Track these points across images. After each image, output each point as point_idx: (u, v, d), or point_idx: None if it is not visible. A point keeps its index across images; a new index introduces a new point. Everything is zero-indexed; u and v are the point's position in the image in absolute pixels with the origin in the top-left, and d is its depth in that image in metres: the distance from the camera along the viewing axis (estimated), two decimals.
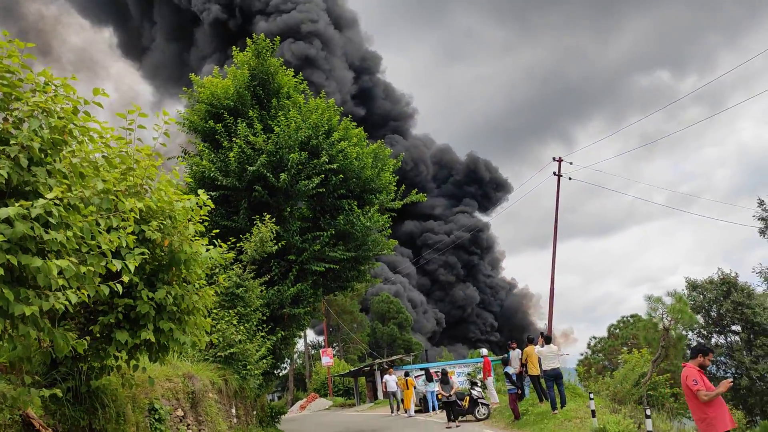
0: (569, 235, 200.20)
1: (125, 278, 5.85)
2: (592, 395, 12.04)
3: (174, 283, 7.56)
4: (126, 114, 6.41)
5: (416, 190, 21.37)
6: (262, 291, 17.16)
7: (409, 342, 72.14)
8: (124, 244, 5.98)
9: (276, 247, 16.20)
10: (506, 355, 23.90)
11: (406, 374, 24.43)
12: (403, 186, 21.18)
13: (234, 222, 17.81)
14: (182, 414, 10.99)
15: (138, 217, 7.17)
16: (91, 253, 5.40)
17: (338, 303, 61.06)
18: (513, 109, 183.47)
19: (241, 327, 14.82)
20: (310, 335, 69.03)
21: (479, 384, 18.56)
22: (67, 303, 4.91)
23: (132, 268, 5.88)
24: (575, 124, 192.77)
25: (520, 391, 15.76)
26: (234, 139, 17.79)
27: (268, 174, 17.33)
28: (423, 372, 23.91)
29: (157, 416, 9.81)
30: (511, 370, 15.57)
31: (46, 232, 4.83)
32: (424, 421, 20.00)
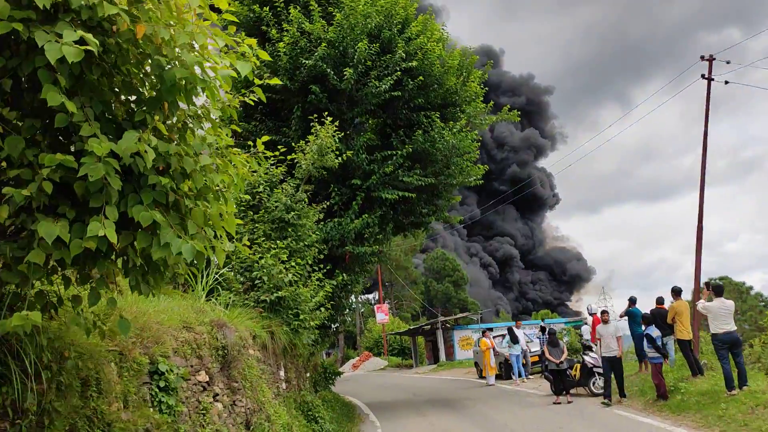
0: (622, 199, 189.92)
1: None
2: None
3: (163, 129, 3.75)
4: None
5: (508, 106, 17.13)
6: (319, 222, 13.43)
7: (464, 301, 68.48)
8: None
9: (339, 160, 12.32)
10: (582, 322, 19.52)
11: (483, 333, 20.54)
12: (491, 102, 16.93)
13: (284, 135, 13.99)
14: (206, 379, 7.35)
15: None
16: None
17: (391, 257, 57.60)
18: (568, 69, 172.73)
19: (292, 262, 11.13)
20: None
21: (593, 348, 14.51)
22: None
23: None
24: (634, 85, 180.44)
25: (666, 360, 11.67)
26: (285, 25, 13.81)
27: (329, 70, 13.37)
28: (505, 332, 19.99)
29: (162, 383, 6.18)
30: (655, 332, 11.50)
31: None
32: (515, 393, 16.15)
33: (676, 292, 12.13)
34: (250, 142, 9.17)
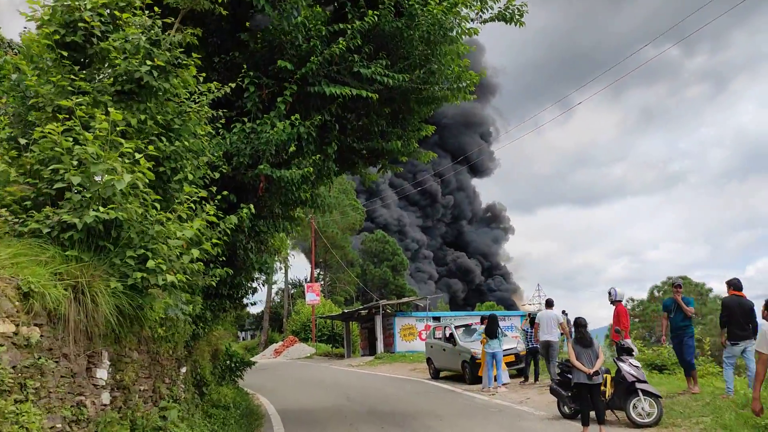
0: (555, 201, 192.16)
1: None
2: None
3: None
4: None
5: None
6: (216, 121, 7.93)
7: (402, 288, 64.00)
8: None
9: None
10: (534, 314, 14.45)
11: (482, 320, 15.53)
12: None
13: None
14: None
15: None
16: None
17: (327, 235, 52.06)
18: (517, 71, 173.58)
19: (143, 163, 5.61)
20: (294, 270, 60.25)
21: (634, 351, 9.54)
22: None
23: None
24: (576, 91, 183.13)
25: None
26: None
27: None
28: (484, 321, 14.99)
29: None
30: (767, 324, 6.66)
31: None
32: (499, 409, 11.09)
33: None
34: None
